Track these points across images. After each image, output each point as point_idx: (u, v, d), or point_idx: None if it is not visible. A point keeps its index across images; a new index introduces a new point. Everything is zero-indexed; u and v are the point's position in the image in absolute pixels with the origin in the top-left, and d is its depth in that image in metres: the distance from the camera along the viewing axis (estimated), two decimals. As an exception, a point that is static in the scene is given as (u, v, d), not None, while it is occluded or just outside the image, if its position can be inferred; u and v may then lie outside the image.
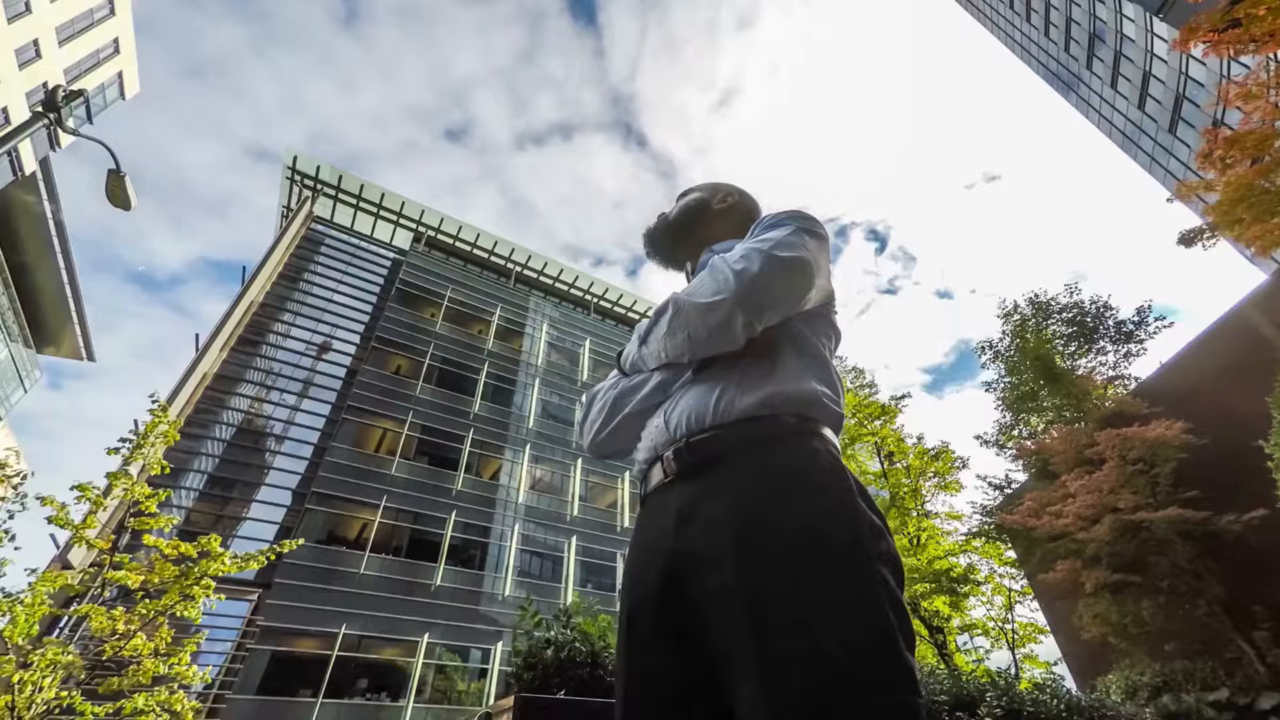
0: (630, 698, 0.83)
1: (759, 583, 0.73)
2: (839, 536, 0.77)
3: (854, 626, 0.68)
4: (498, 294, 30.70)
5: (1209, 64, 15.39)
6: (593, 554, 24.28)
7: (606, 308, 37.53)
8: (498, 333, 28.83)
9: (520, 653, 2.67)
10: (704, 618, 0.79)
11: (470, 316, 28.70)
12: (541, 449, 25.79)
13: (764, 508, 0.81)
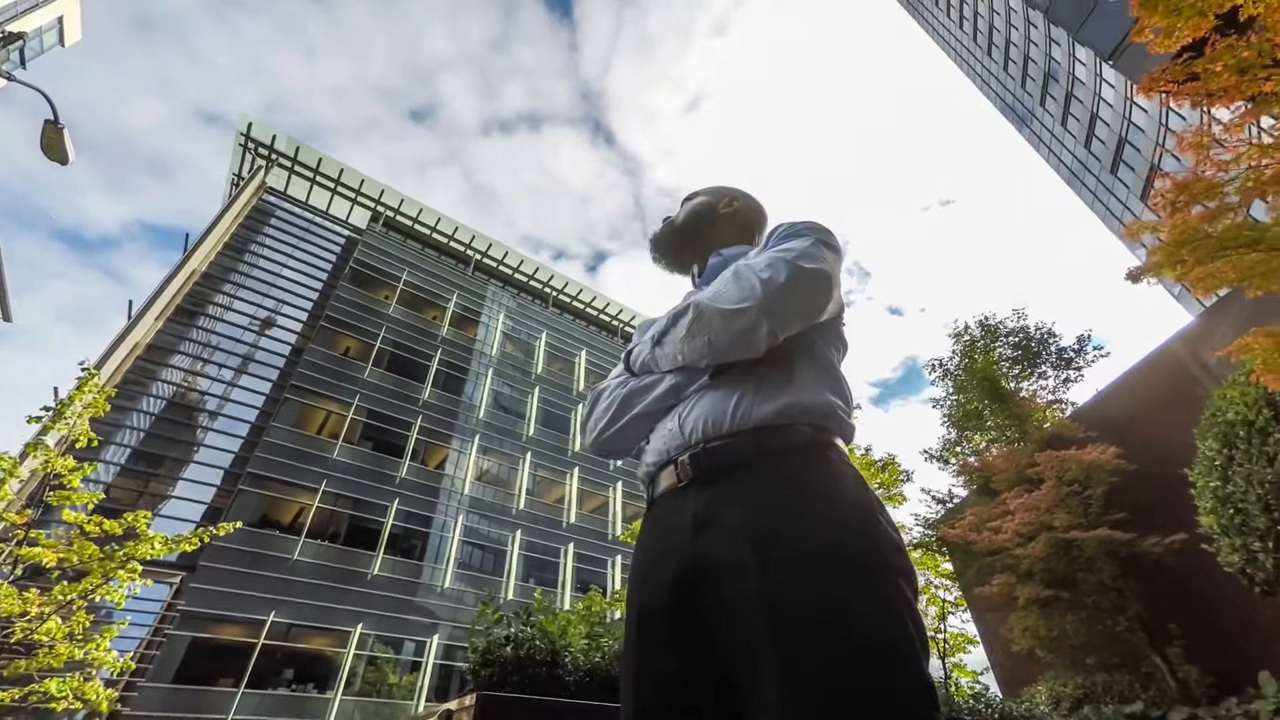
0: (641, 699, 0.83)
1: (782, 592, 0.73)
2: (862, 550, 0.77)
3: (877, 639, 0.69)
4: (455, 280, 29.93)
5: (1150, 112, 16.62)
6: (537, 549, 23.97)
7: (565, 302, 37.17)
8: (453, 320, 28.10)
9: (478, 649, 2.52)
10: (721, 624, 0.79)
11: (425, 301, 27.86)
12: (490, 440, 25.29)
13: (786, 518, 0.81)
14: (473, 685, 2.52)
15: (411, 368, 24.98)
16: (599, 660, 2.69)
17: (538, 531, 24.35)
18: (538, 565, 23.79)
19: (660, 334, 1.07)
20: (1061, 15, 12.83)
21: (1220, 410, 4.69)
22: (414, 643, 19.32)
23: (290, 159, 28.53)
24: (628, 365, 1.17)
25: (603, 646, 2.77)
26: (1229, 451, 4.55)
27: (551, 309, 34.82)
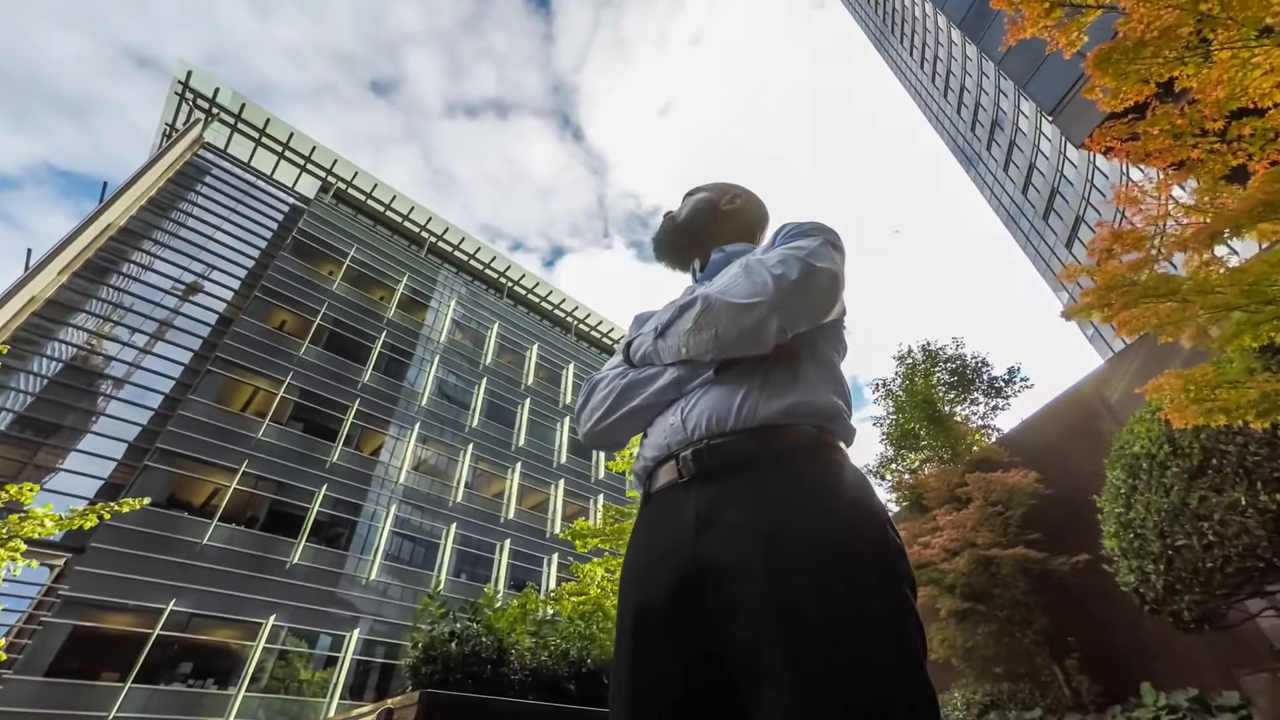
0: (636, 701, 0.80)
1: (792, 594, 0.72)
2: (870, 555, 0.77)
3: (885, 644, 0.69)
4: (406, 261, 28.84)
5: (1079, 167, 18.13)
6: (472, 543, 23.38)
7: (520, 293, 36.57)
8: (401, 302, 27.06)
9: (418, 644, 2.41)
10: (724, 624, 0.77)
11: (373, 280, 26.70)
12: (431, 429, 24.48)
13: (796, 519, 0.80)
14: (411, 682, 2.42)
15: (352, 348, 23.85)
16: (545, 659, 2.64)
17: (474, 526, 23.75)
18: (471, 560, 23.20)
19: (664, 326, 1.05)
20: (1012, 68, 13.81)
21: (1128, 443, 5.14)
22: (331, 637, 18.38)
23: (233, 115, 26.72)
24: (627, 357, 1.14)
25: (549, 645, 2.72)
26: (1133, 481, 4.98)
27: (506, 300, 34.13)
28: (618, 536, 11.53)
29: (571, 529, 11.23)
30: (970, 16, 16.65)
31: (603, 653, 2.82)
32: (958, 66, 22.22)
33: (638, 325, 1.25)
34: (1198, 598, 4.56)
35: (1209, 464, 4.36)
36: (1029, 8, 4.04)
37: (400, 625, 19.73)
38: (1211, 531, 4.31)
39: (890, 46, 33.14)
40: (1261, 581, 4.36)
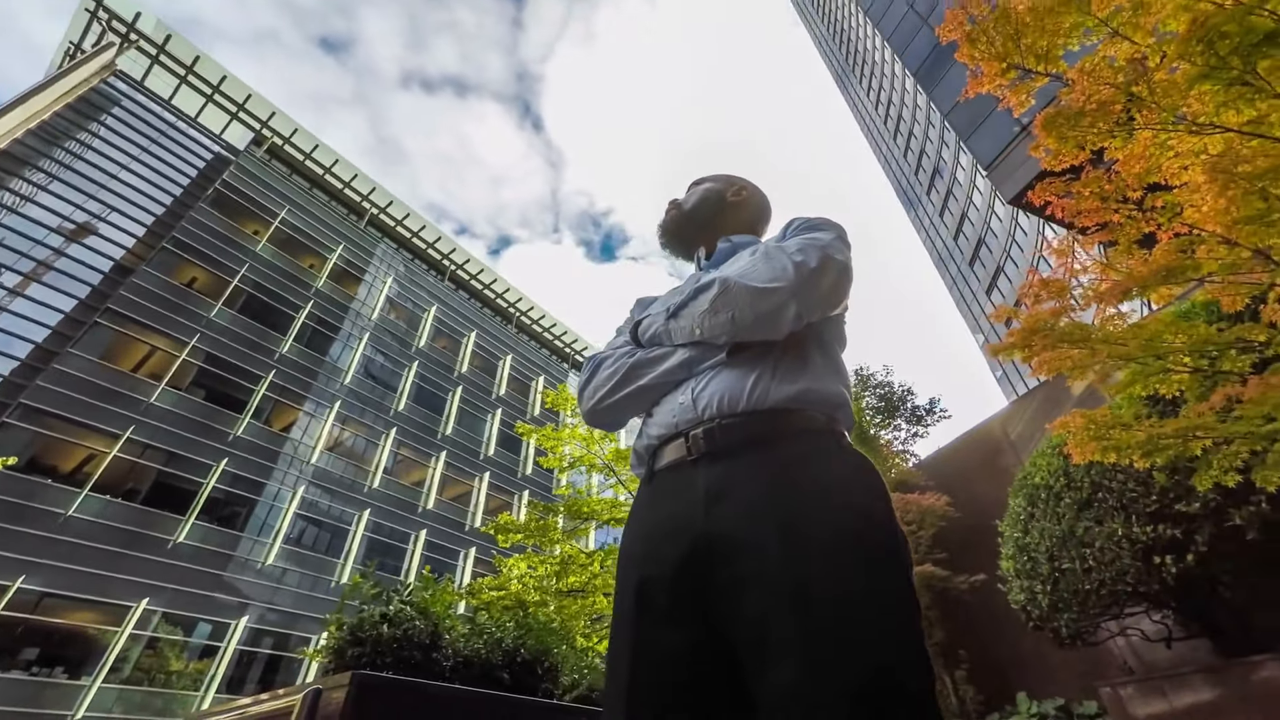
0: (638, 673, 0.80)
1: (805, 573, 0.73)
2: (880, 540, 0.79)
3: (893, 625, 0.71)
4: (343, 231, 27.25)
5: (1003, 221, 19.89)
6: (384, 531, 22.28)
7: (463, 278, 35.41)
8: (333, 273, 25.51)
9: (344, 625, 2.27)
10: (731, 598, 0.77)
11: (303, 247, 25.00)
12: (352, 409, 23.17)
13: (807, 501, 0.81)
14: (334, 665, 2.27)
15: (272, 315, 22.19)
16: (479, 647, 2.55)
17: (389, 514, 22.64)
18: (382, 550, 22.08)
19: (678, 307, 1.06)
20: (957, 122, 14.97)
21: (1030, 474, 5.64)
22: (213, 624, 16.90)
23: (156, 46, 24.32)
24: (634, 336, 1.15)
25: (484, 633, 2.64)
26: (1031, 509, 5.47)
27: (447, 283, 32.90)
28: (541, 534, 11.36)
29: (495, 523, 10.97)
30: (925, 68, 17.91)
31: (538, 643, 2.76)
32: (909, 113, 23.78)
33: (640, 308, 1.27)
34: (1074, 616, 5.06)
35: (1095, 497, 4.86)
36: (987, 66, 4.39)
37: (294, 615, 18.46)
38: (1092, 557, 4.80)
39: (850, 84, 34.94)
40: (1124, 605, 4.90)
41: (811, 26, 42.85)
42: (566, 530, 12.69)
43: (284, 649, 18.09)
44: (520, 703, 2.27)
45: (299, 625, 18.48)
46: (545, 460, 13.06)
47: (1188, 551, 4.17)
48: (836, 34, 34.40)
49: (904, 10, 20.02)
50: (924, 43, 18.30)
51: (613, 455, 12.68)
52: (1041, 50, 4.27)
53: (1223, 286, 3.48)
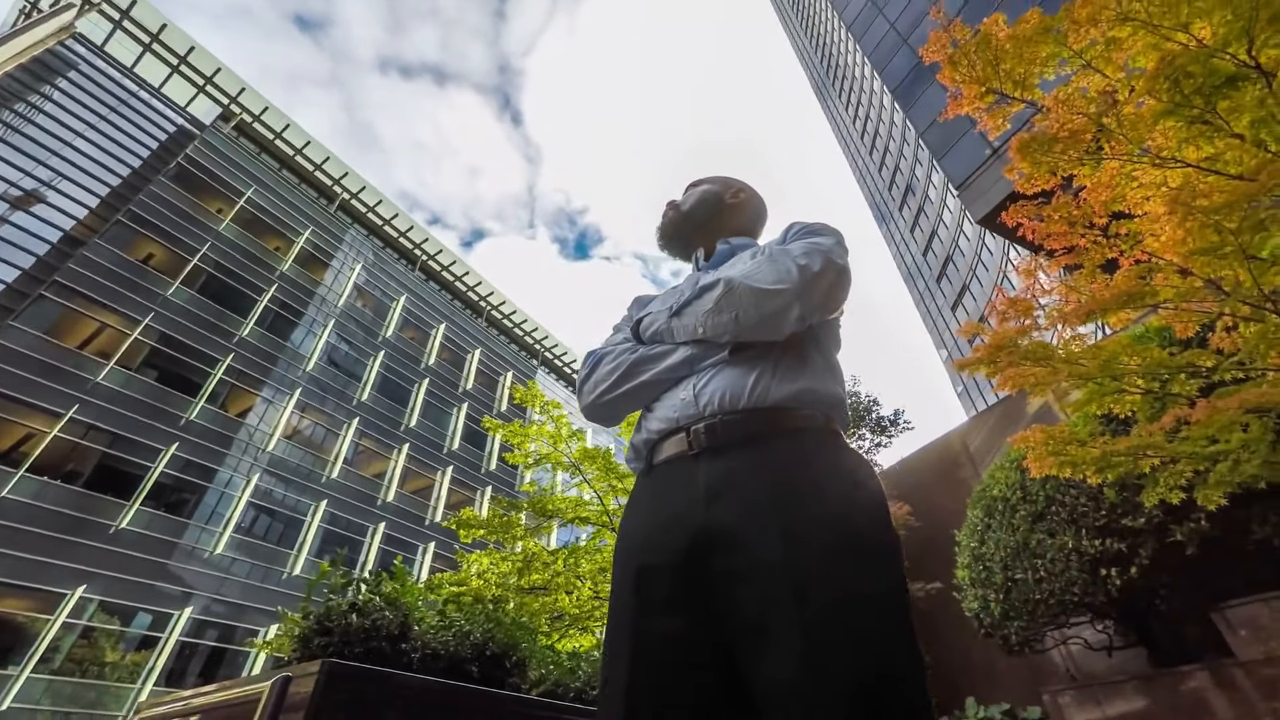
0: (638, 660, 0.81)
1: (805, 571, 0.75)
2: (877, 538, 0.81)
3: (889, 620, 0.73)
4: (312, 215, 26.45)
5: (971, 240, 20.60)
6: (341, 524, 21.68)
7: (434, 269, 34.78)
8: (300, 256, 24.73)
9: (310, 614, 2.21)
10: (730, 588, 0.79)
11: (269, 228, 24.18)
12: (313, 397, 22.49)
13: (808, 497, 0.83)
14: (298, 654, 2.20)
15: (233, 297, 21.38)
16: (448, 639, 2.51)
17: (347, 505, 22.04)
18: (338, 541, 21.47)
19: (681, 305, 1.07)
20: (931, 141, 15.45)
21: (988, 487, 5.84)
22: (154, 615, 16.16)
23: (119, 10, 23.22)
24: (635, 333, 1.16)
25: (454, 625, 2.59)
26: (988, 520, 5.66)
27: (417, 273, 32.25)
28: (504, 530, 11.24)
29: (457, 518, 10.81)
30: (904, 86, 18.42)
31: (507, 637, 2.73)
32: (885, 129, 24.40)
33: (639, 307, 1.29)
34: (1024, 625, 5.25)
35: (1049, 510, 5.06)
36: (968, 88, 4.54)
37: (242, 606, 17.80)
38: (1043, 568, 4.99)
39: (829, 96, 35.64)
40: (1070, 615, 5.11)
41: (794, 37, 43.62)
42: (529, 527, 12.59)
43: (229, 641, 17.43)
44: (489, 695, 2.24)
45: (246, 617, 17.83)
46: (511, 456, 12.92)
47: (1131, 565, 4.38)
48: (818, 46, 35.09)
49: (885, 29, 20.57)
50: (903, 62, 18.83)
51: (580, 454, 12.62)
52: (1019, 77, 4.45)
53: (1176, 313, 3.68)
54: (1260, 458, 3.41)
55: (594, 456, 12.53)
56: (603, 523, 12.21)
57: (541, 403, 13.24)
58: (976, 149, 12.57)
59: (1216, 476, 3.61)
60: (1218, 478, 3.61)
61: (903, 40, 19.05)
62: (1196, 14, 3.60)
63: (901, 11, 19.65)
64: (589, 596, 10.31)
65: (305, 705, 1.71)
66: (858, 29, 22.64)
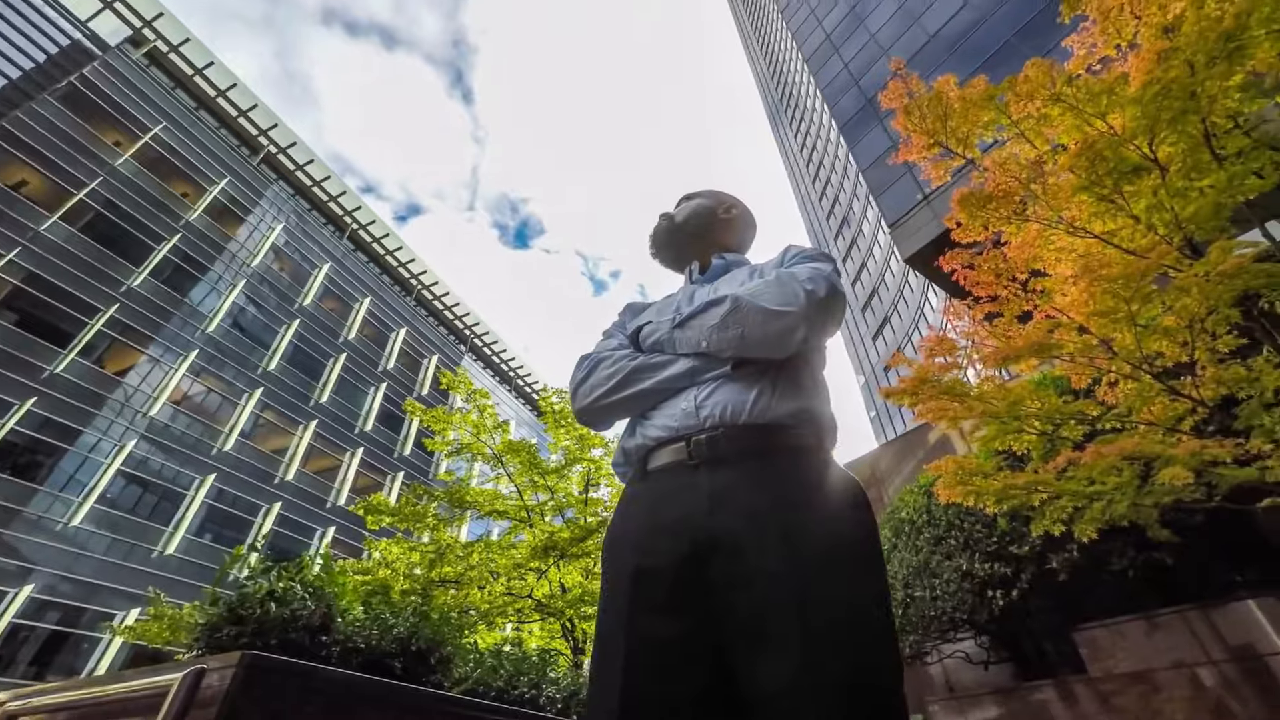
0: (632, 660, 0.83)
1: (805, 576, 0.79)
2: (869, 552, 0.87)
3: (878, 625, 0.79)
4: (231, 164, 24.22)
5: (895, 276, 22.11)
6: (228, 500, 19.90)
7: (364, 240, 32.84)
8: (211, 207, 22.55)
9: (219, 600, 2.02)
10: (729, 591, 0.82)
11: (178, 172, 21.89)
12: (211, 361, 20.54)
13: (807, 510, 0.88)
14: (203, 646, 2.01)
15: (125, 242, 19.12)
16: (373, 633, 2.38)
17: (238, 481, 20.25)
18: (223, 520, 19.69)
19: (686, 318, 1.10)
20: (872, 178, 16.46)
21: (898, 509, 6.27)
22: (-18, 593, 14.14)
23: (19, -102, 20.25)
24: (634, 341, 1.18)
25: (381, 619, 2.46)
26: (895, 540, 6.08)
27: (345, 242, 30.28)
28: (415, 519, 10.80)
29: (365, 502, 10.23)
30: (851, 124, 19.50)
31: (434, 633, 2.62)
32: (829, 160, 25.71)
33: (631, 314, 1.32)
34: (918, 639, 5.68)
35: (949, 534, 5.51)
36: (917, 138, 4.88)
37: (95, 586, 15.90)
38: (939, 588, 5.43)
39: (781, 122, 37.08)
40: (957, 630, 5.59)
41: (754, 61, 45.07)
42: (443, 518, 12.15)
43: (74, 625, 15.49)
44: (417, 693, 2.14)
45: (99, 599, 15.93)
46: (430, 443, 12.43)
47: (1014, 588, 4.86)
48: (775, 73, 36.46)
49: (839, 68, 21.71)
50: (852, 101, 19.95)
51: (503, 447, 12.33)
52: (962, 135, 4.86)
53: (1073, 366, 4.14)
54: (1129, 499, 3.90)
55: (518, 450, 12.29)
56: (520, 518, 11.99)
57: (469, 390, 12.83)
58: (910, 192, 13.55)
59: (1091, 513, 4.08)
60: (1092, 514, 4.08)
61: (854, 81, 20.19)
62: (1113, 106, 4.10)
63: (856, 54, 20.84)
64: (501, 592, 10.07)
65: (219, 701, 1.56)
66: (815, 63, 23.73)
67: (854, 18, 22.11)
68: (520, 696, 3.10)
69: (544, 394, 13.57)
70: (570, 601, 10.53)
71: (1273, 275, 3.40)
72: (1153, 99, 3.70)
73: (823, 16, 24.60)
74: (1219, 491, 3.73)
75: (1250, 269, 3.30)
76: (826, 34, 23.76)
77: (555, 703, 3.36)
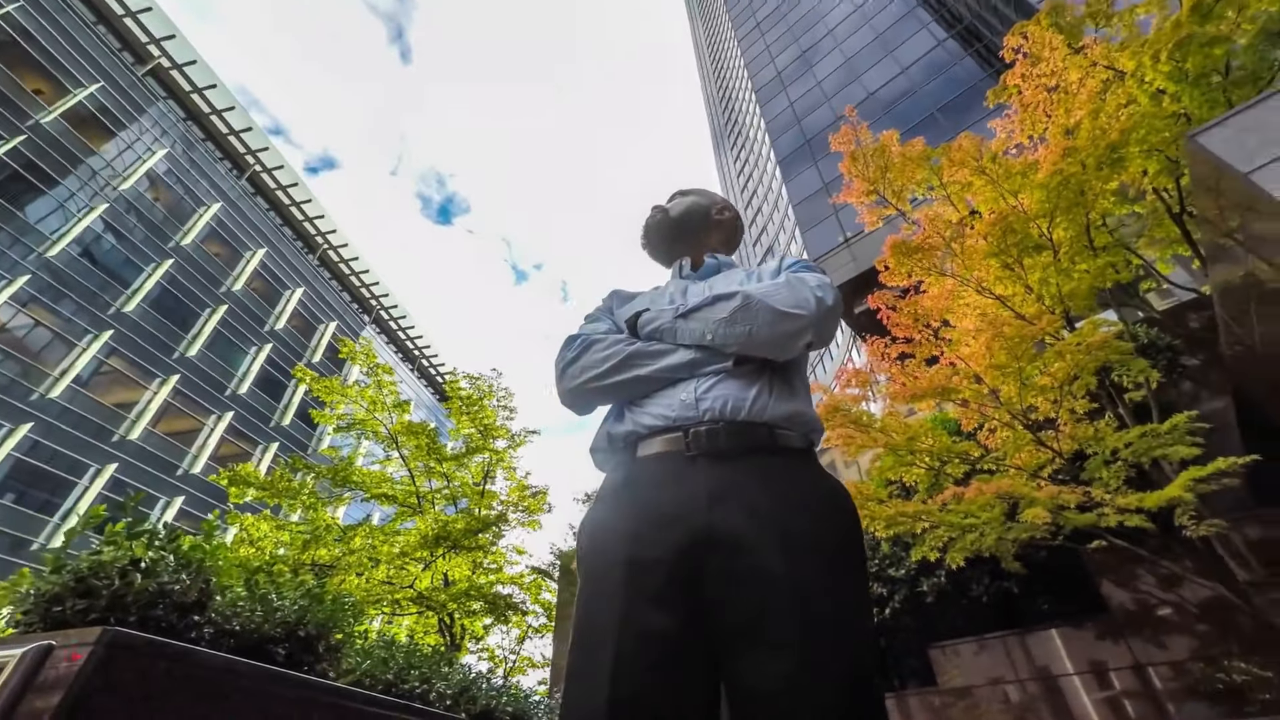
0: (622, 646, 0.82)
1: (805, 577, 0.81)
2: (857, 554, 0.91)
3: (865, 622, 0.84)
4: (108, 68, 20.99)
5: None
6: (46, 455, 17.02)
7: (267, 185, 29.68)
8: (74, 113, 19.36)
9: (66, 567, 1.69)
10: (726, 587, 0.83)
11: (33, 63, 18.60)
12: (47, 291, 17.54)
13: (803, 510, 0.90)
14: (36, 620, 1.67)
15: (-50, 130, 15.87)
16: (255, 615, 2.11)
17: (64, 435, 17.37)
18: (37, 479, 16.79)
19: (691, 309, 1.10)
20: (801, 214, 17.52)
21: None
22: None
23: None
24: (630, 327, 1.17)
25: (268, 602, 2.18)
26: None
27: (245, 184, 27.18)
28: (288, 495, 9.91)
29: (231, 472, 9.20)
30: (789, 160, 20.69)
31: (326, 618, 2.37)
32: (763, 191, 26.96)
33: (619, 300, 1.32)
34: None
35: (836, 554, 5.92)
36: (859, 183, 5.25)
37: None
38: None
39: (723, 146, 38.40)
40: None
41: (705, 80, 46.35)
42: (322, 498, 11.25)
43: None
44: (301, 681, 1.91)
45: None
46: (318, 414, 11.48)
47: (888, 607, 5.29)
48: (725, 97, 37.78)
49: (785, 105, 22.97)
50: (792, 139, 21.18)
51: (401, 428, 11.65)
52: (898, 189, 5.31)
53: (965, 410, 4.62)
54: (996, 533, 4.40)
55: (417, 432, 11.62)
56: (410, 504, 11.33)
57: (371, 363, 11.98)
58: (833, 233, 14.55)
59: (963, 543, 4.56)
60: (964, 544, 4.56)
61: (797, 120, 21.40)
62: (1025, 187, 4.66)
63: (801, 95, 22.18)
64: (380, 580, 9.43)
65: (68, 686, 1.30)
66: (764, 95, 24.88)
67: (804, 62, 23.51)
68: (410, 691, 2.87)
69: (452, 378, 12.97)
70: (454, 595, 10.06)
71: (1124, 352, 4.01)
72: (1055, 187, 4.26)
73: (776, 54, 25.88)
74: (1064, 531, 4.33)
75: (1111, 344, 3.88)
76: (778, 71, 25.03)
77: (445, 699, 3.16)
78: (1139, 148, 4.49)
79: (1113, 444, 4.20)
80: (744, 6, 35.08)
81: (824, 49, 23.31)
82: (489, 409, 13.16)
